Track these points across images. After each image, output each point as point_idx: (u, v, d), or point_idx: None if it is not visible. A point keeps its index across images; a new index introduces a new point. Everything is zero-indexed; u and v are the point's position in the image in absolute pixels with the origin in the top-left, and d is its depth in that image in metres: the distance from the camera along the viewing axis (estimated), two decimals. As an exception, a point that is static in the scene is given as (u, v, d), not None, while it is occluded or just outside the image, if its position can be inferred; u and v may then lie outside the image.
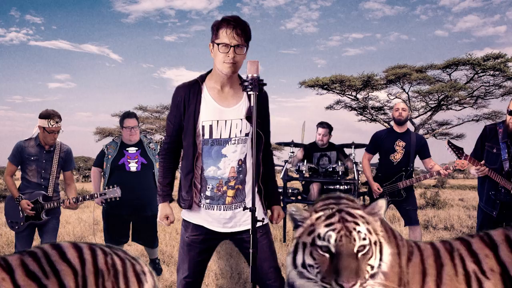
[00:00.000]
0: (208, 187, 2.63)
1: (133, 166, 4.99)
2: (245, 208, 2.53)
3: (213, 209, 2.63)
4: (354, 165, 6.43)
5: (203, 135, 2.61)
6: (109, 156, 5.04)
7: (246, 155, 2.65)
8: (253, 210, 2.28)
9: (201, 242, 2.69)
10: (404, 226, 5.55)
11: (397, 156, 5.47)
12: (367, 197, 6.32)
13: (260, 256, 2.56)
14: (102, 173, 5.14)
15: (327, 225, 1.78)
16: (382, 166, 5.63)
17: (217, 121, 2.60)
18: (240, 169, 2.63)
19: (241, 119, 2.62)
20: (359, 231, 1.75)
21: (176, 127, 2.70)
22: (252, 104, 2.31)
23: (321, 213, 1.84)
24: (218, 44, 2.54)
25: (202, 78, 2.70)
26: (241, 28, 2.53)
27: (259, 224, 2.54)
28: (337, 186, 6.44)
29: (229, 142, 2.60)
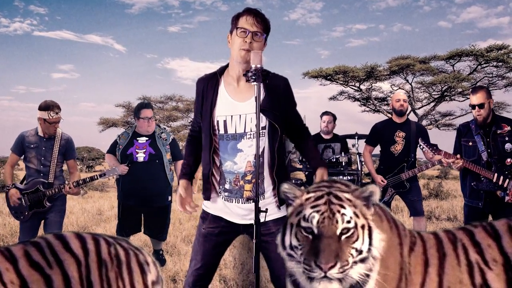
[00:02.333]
0: (227, 181, 2.61)
1: (140, 156, 4.99)
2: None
3: (231, 202, 2.61)
4: (357, 155, 6.41)
5: (218, 130, 2.60)
6: (120, 146, 5.08)
7: (264, 148, 2.59)
8: (256, 200, 2.26)
9: (218, 235, 2.66)
10: (409, 216, 5.55)
11: (398, 147, 5.42)
12: None
13: (271, 256, 2.53)
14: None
15: (312, 207, 1.79)
16: (384, 158, 5.59)
17: (231, 116, 2.58)
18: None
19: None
20: (343, 214, 1.74)
21: (198, 118, 2.71)
22: (256, 95, 2.28)
23: (311, 195, 1.85)
24: (237, 29, 2.53)
25: (221, 71, 2.68)
26: (261, 17, 2.55)
27: (276, 216, 2.56)
28: (341, 177, 6.43)
29: (245, 137, 2.57)
